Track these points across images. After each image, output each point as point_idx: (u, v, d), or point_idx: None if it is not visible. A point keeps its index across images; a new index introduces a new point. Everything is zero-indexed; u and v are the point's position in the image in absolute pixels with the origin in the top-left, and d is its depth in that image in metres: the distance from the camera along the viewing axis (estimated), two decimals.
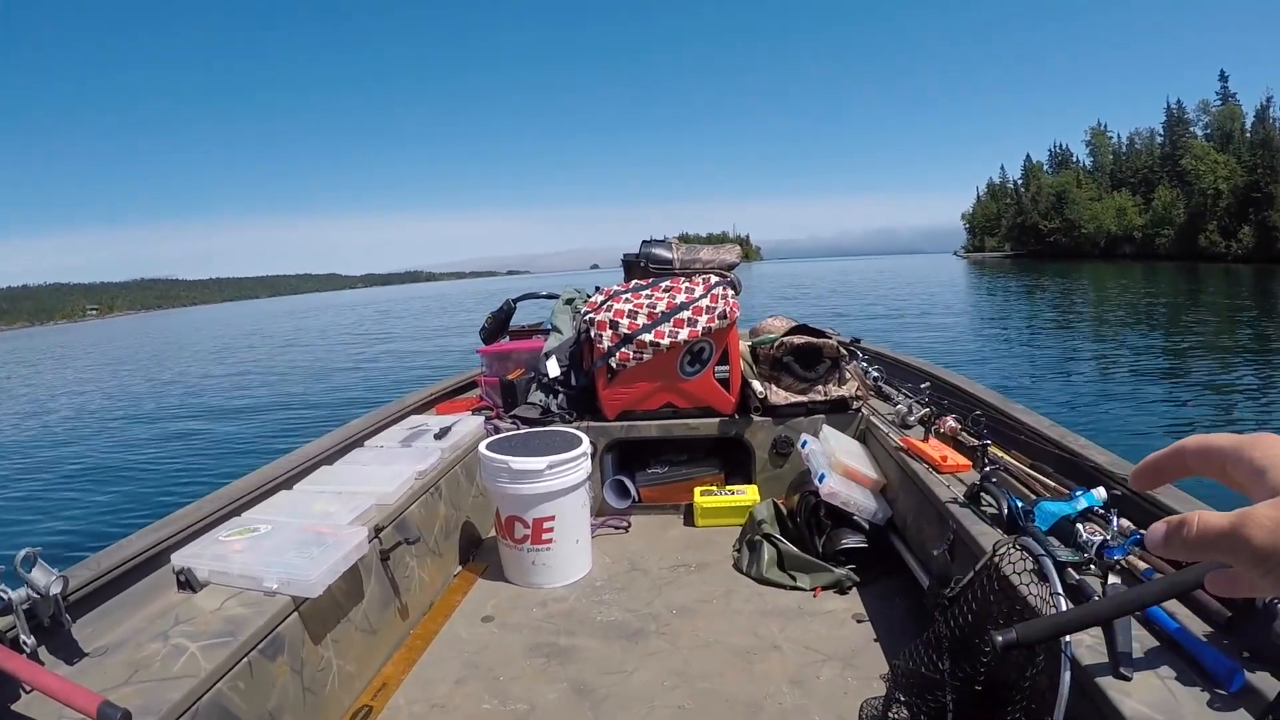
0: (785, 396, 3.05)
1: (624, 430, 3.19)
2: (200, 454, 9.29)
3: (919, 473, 2.34)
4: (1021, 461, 2.21)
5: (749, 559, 2.61)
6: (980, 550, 1.73)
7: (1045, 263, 68.96)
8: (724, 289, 3.12)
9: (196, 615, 1.65)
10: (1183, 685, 1.20)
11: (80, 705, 1.22)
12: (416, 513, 2.42)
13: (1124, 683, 1.22)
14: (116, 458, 9.44)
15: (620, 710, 1.90)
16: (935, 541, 2.13)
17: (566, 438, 2.68)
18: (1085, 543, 1.58)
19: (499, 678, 2.07)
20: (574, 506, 2.59)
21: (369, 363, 19.39)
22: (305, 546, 1.86)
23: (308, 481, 2.43)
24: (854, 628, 2.22)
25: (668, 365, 3.10)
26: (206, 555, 1.83)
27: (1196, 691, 1.18)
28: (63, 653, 1.47)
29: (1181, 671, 1.23)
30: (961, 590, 1.65)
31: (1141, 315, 20.48)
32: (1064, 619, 1.27)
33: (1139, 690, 1.20)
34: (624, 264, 3.50)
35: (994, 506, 1.93)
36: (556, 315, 3.60)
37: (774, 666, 2.04)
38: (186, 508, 2.05)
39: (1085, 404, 9.21)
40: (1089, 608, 1.28)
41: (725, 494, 3.04)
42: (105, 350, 31.63)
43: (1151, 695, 1.18)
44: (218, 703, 1.46)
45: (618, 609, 2.42)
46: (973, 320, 20.93)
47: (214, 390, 16.03)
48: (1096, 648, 1.31)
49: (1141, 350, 13.70)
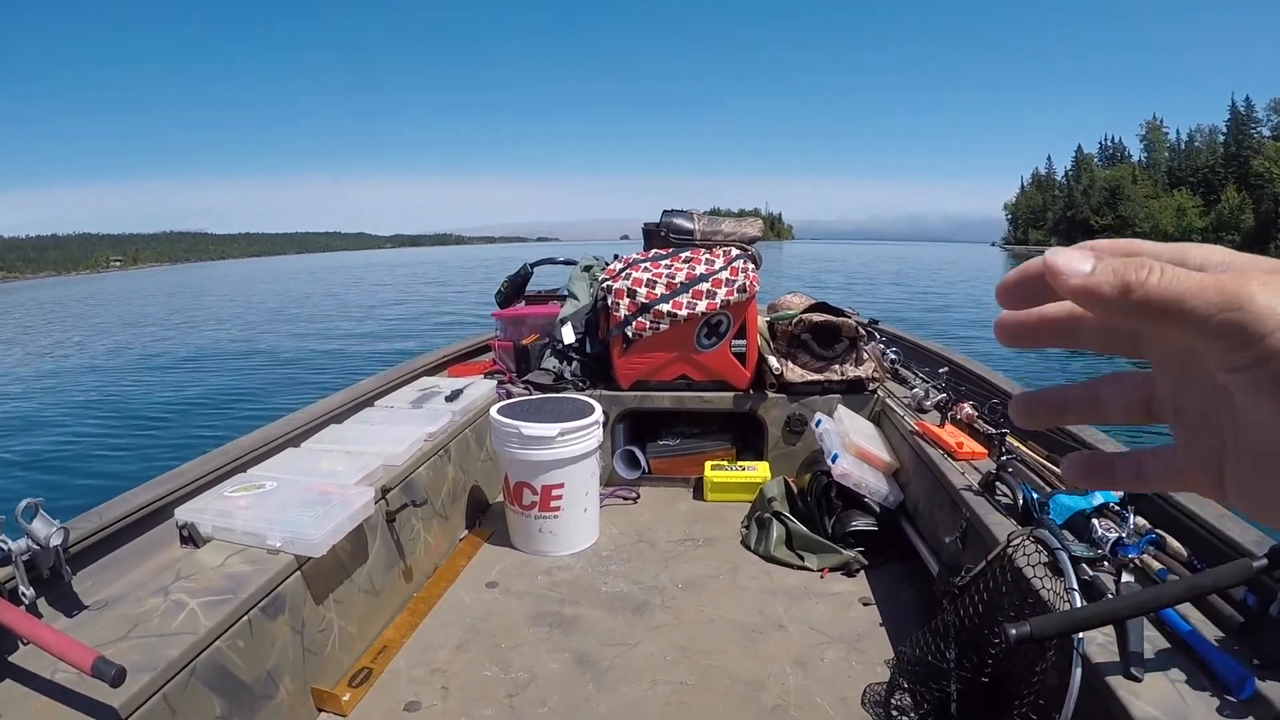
0: (801, 374, 3.01)
1: (637, 400, 3.16)
2: (207, 408, 9.28)
3: (933, 458, 2.30)
4: (1037, 453, 2.16)
5: (757, 536, 2.59)
6: (993, 540, 1.70)
7: None
8: (744, 262, 3.07)
9: (198, 571, 1.64)
10: (1193, 689, 1.17)
11: (75, 660, 1.21)
12: (424, 475, 2.41)
13: (1134, 683, 1.20)
14: (122, 409, 9.43)
15: (622, 682, 1.89)
16: (947, 528, 2.10)
17: (579, 405, 2.66)
18: (1100, 538, 1.56)
19: (501, 645, 2.07)
20: (583, 475, 2.58)
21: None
22: (310, 505, 1.85)
23: (315, 440, 2.42)
24: (860, 611, 2.20)
25: (684, 337, 3.06)
26: (210, 511, 1.82)
27: (1206, 696, 1.16)
28: (62, 605, 1.46)
29: (1192, 675, 1.20)
30: (972, 580, 1.62)
31: None
32: (1079, 615, 1.24)
33: (1149, 692, 1.18)
34: (645, 233, 3.46)
35: (1009, 496, 1.89)
36: (574, 282, 3.57)
37: (778, 646, 2.03)
38: (192, 462, 2.03)
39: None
40: (1104, 605, 1.26)
41: (736, 469, 3.02)
42: (110, 307, 31.31)
43: (1161, 697, 1.16)
44: (216, 661, 1.45)
45: (623, 580, 2.41)
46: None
47: (225, 345, 15.93)
48: (1108, 646, 1.28)
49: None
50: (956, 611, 1.56)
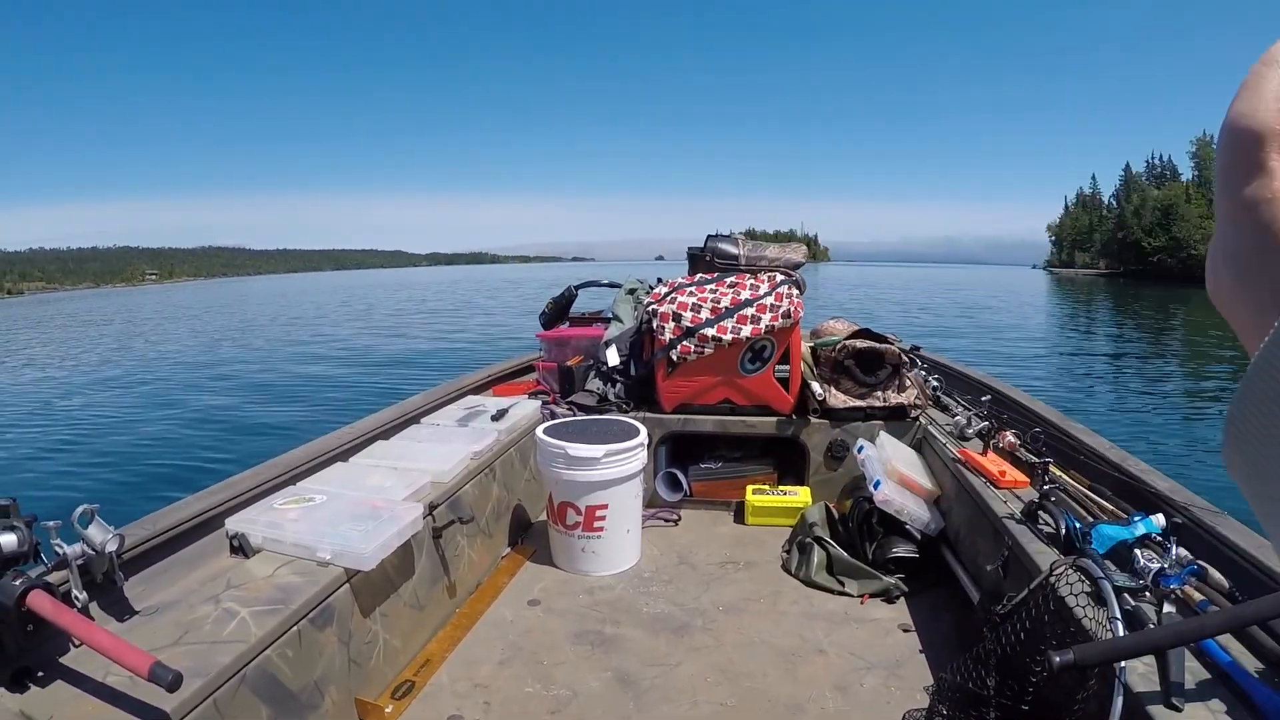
0: (844, 400, 3.03)
1: (680, 423, 3.20)
2: (253, 425, 9.45)
3: (975, 486, 2.31)
4: (1080, 483, 2.16)
5: (798, 561, 2.61)
6: (1036, 568, 1.71)
7: (1146, 285, 59.66)
8: (789, 288, 3.10)
9: (248, 581, 1.68)
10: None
11: (132, 664, 1.22)
12: (470, 492, 2.46)
13: (1174, 713, 1.20)
14: (170, 424, 9.64)
15: (663, 703, 1.91)
16: (988, 556, 2.10)
17: (624, 427, 2.70)
18: (1142, 569, 1.56)
19: (542, 662, 2.10)
20: (627, 496, 2.61)
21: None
22: (360, 519, 1.89)
23: (363, 455, 2.47)
24: (900, 637, 2.20)
25: (728, 361, 3.10)
26: (261, 522, 1.86)
27: None
28: (114, 610, 1.49)
29: (1232, 706, 1.20)
30: (1014, 607, 1.63)
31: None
32: (1122, 644, 1.25)
33: None
34: (689, 257, 3.50)
35: (1051, 525, 1.89)
36: (618, 304, 3.62)
37: (818, 670, 2.04)
38: (243, 473, 2.08)
39: (1160, 436, 8.63)
40: (1147, 635, 1.27)
41: (777, 494, 3.03)
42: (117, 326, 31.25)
43: None
44: (265, 669, 1.48)
45: (664, 601, 2.43)
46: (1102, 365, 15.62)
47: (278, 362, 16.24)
48: (1149, 676, 1.28)
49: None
50: (998, 639, 1.57)
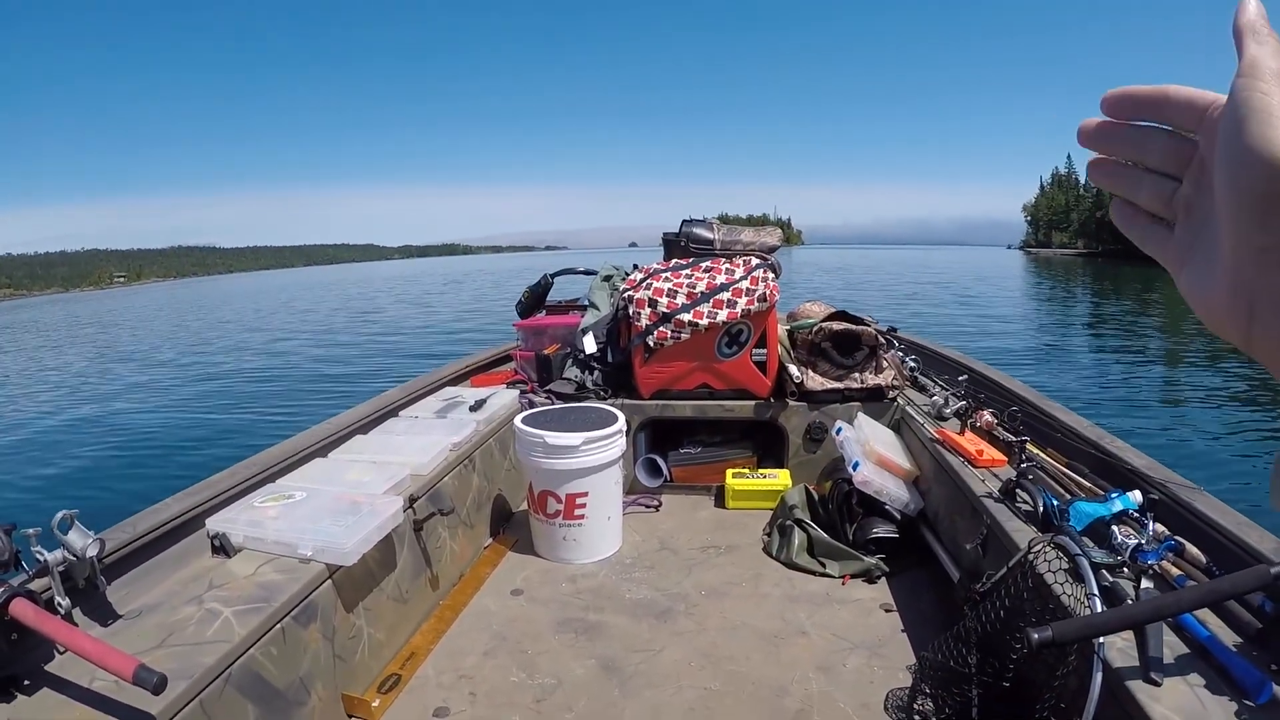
0: (821, 382, 3.03)
1: (658, 409, 3.20)
2: (234, 420, 9.36)
3: (953, 465, 2.32)
4: (1057, 460, 2.18)
5: (779, 543, 2.62)
6: (1014, 546, 1.72)
7: (1125, 264, 57.08)
8: (764, 271, 3.10)
9: (230, 580, 1.67)
10: (1211, 694, 1.19)
11: (116, 668, 1.21)
12: (450, 484, 2.45)
13: (1153, 688, 1.22)
14: (151, 423, 9.53)
15: (647, 688, 1.92)
16: (967, 535, 2.12)
17: (602, 414, 2.70)
18: (1119, 545, 1.57)
19: (527, 651, 2.10)
20: (607, 483, 2.61)
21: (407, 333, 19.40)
22: (341, 515, 1.88)
23: (342, 450, 2.45)
24: (881, 617, 2.22)
25: (705, 346, 3.10)
26: (241, 520, 1.85)
27: (1224, 701, 1.17)
28: (97, 615, 1.48)
29: (1210, 680, 1.22)
30: (994, 585, 1.64)
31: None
32: (1099, 620, 1.26)
33: (1168, 696, 1.20)
34: (664, 243, 3.49)
35: (1029, 504, 1.91)
36: (594, 292, 3.60)
37: (801, 652, 2.05)
38: (222, 473, 2.07)
39: (1137, 413, 8.57)
40: (1124, 610, 1.28)
41: (757, 477, 3.04)
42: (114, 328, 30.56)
43: (1180, 701, 1.18)
44: (250, 668, 1.48)
45: (647, 587, 2.44)
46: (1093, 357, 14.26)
47: (248, 359, 15.98)
48: (1128, 651, 1.30)
49: (1229, 372, 11.33)
50: (978, 617, 1.58)
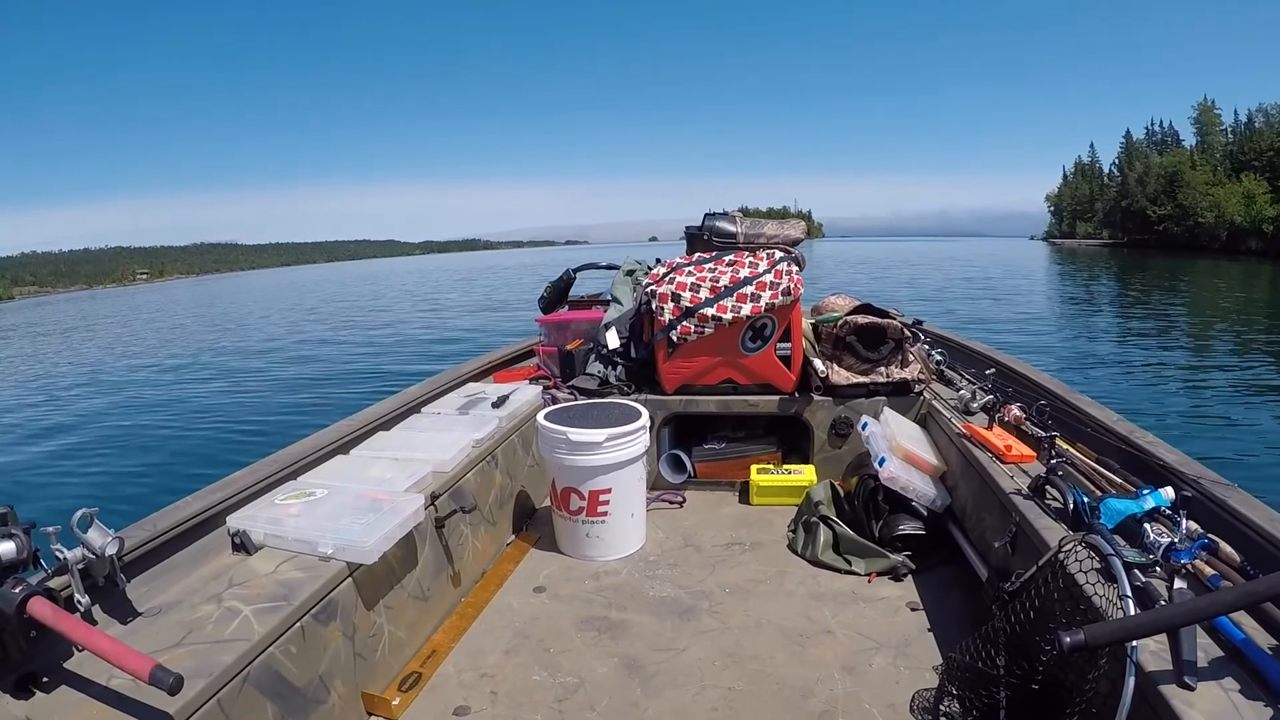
0: (847, 376, 3.00)
1: (682, 404, 3.18)
2: (255, 418, 9.45)
3: (981, 461, 2.28)
4: (1087, 456, 2.13)
5: (804, 540, 2.59)
6: (1044, 545, 1.69)
7: (1152, 255, 57.07)
8: (788, 264, 3.06)
9: (251, 578, 1.67)
10: (1246, 699, 1.16)
11: (132, 668, 1.21)
12: (472, 481, 2.44)
13: (1187, 692, 1.18)
14: (173, 421, 9.64)
15: (670, 688, 1.90)
16: (996, 533, 2.08)
17: (626, 410, 2.68)
18: (1152, 544, 1.53)
19: (549, 649, 2.09)
20: (630, 480, 2.59)
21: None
22: (361, 513, 1.87)
23: (364, 447, 2.45)
24: (908, 616, 2.19)
25: (729, 340, 3.07)
26: (262, 518, 1.85)
27: (1260, 706, 1.14)
28: (116, 613, 1.48)
29: (1245, 684, 1.18)
30: (1023, 585, 1.61)
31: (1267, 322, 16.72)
32: (1133, 623, 1.23)
33: (1201, 700, 1.16)
34: (686, 236, 3.47)
35: (1059, 501, 1.87)
36: (617, 286, 3.59)
37: (826, 651, 2.02)
38: (243, 470, 2.06)
39: (1168, 407, 8.43)
40: (1159, 613, 1.24)
41: (782, 473, 3.01)
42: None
43: (1214, 706, 1.14)
44: (269, 667, 1.47)
45: (670, 585, 2.42)
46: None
47: (272, 355, 16.15)
48: (1160, 654, 1.26)
49: (1263, 365, 11.29)
50: (1007, 617, 1.55)
